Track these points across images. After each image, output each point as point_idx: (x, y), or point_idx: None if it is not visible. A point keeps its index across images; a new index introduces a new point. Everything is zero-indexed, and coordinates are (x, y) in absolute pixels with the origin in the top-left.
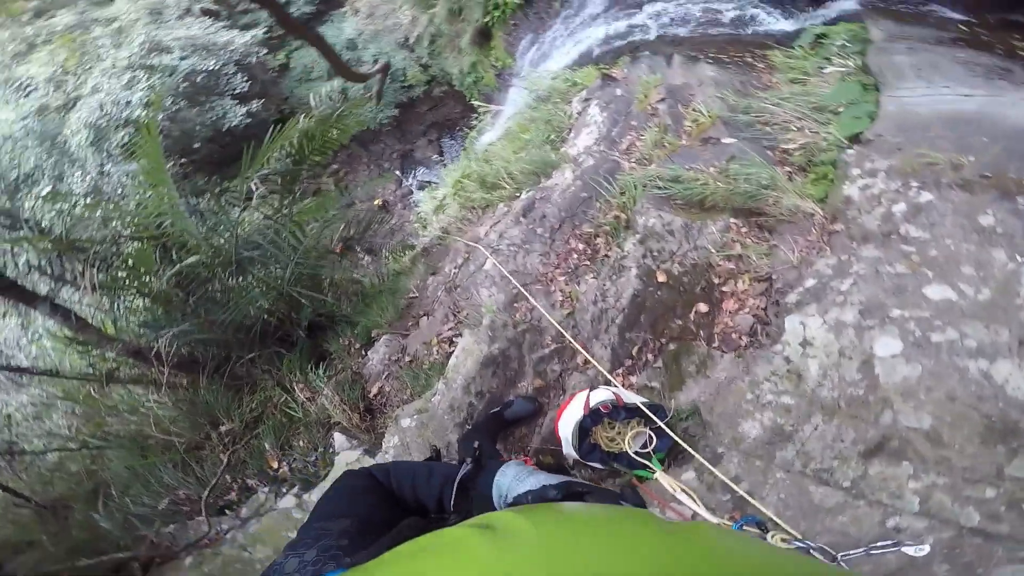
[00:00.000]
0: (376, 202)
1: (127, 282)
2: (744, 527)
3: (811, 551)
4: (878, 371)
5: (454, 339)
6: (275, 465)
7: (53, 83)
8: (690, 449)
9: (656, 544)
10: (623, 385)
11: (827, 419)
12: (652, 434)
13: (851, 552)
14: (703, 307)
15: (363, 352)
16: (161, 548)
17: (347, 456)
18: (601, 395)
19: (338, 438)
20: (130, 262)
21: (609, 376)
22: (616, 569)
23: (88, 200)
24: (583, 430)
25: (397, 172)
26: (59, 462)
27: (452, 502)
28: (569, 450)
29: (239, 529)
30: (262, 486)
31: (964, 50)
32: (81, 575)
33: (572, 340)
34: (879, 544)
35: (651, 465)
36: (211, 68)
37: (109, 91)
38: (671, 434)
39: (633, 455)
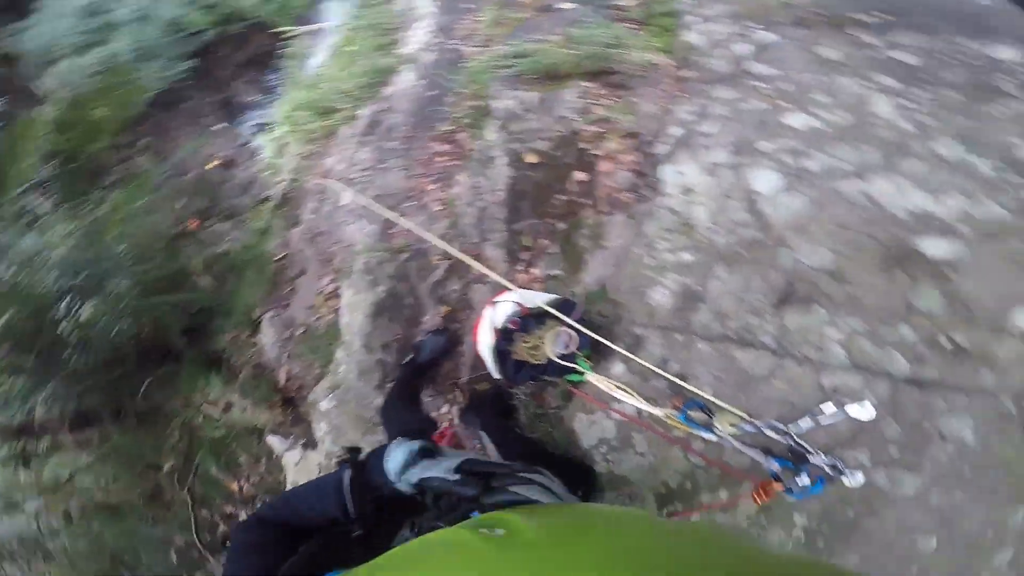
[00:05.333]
0: (213, 163)
1: None
2: (690, 414)
3: (763, 432)
4: (765, 207)
5: (338, 291)
6: (235, 487)
7: None
8: (607, 343)
9: (655, 545)
10: (527, 282)
11: (729, 269)
12: (570, 332)
13: (801, 424)
14: (581, 175)
15: (253, 340)
16: None
17: (291, 457)
18: (505, 310)
19: (272, 440)
20: None
21: (502, 280)
22: (616, 571)
23: None
24: (502, 353)
25: (224, 124)
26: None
27: (354, 507)
28: (496, 375)
29: None
30: (239, 511)
31: None
32: None
33: (455, 252)
34: (825, 413)
35: (579, 367)
36: None
37: None
38: (584, 331)
39: (558, 360)
